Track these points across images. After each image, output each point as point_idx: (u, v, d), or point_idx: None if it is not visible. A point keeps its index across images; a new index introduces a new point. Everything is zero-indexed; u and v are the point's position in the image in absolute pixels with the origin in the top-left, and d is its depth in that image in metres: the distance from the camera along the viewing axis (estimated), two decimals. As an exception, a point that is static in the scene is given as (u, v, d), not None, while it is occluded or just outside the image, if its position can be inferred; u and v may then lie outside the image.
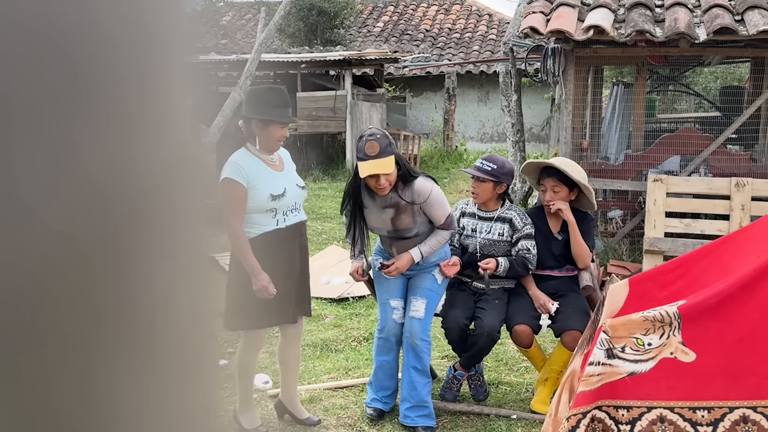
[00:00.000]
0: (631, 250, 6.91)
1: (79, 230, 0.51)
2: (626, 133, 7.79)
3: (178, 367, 0.59)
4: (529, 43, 7.66)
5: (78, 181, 0.51)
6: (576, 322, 3.92)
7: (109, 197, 0.53)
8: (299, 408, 3.91)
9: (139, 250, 0.55)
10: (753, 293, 2.83)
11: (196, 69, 0.61)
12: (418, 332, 3.75)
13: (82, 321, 0.52)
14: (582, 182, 4.09)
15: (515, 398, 4.30)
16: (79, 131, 0.51)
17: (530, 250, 4.03)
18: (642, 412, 2.90)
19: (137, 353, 0.55)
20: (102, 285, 0.52)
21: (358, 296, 6.23)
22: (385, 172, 3.51)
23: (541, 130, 16.49)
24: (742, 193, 6.07)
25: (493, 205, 4.09)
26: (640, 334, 2.94)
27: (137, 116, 0.54)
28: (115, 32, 0.52)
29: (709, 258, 3.47)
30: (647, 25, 6.12)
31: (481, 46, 17.73)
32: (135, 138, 0.54)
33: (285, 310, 3.59)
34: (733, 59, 9.19)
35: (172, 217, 0.58)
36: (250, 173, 3.44)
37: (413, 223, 3.71)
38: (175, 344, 0.59)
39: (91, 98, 0.51)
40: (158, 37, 0.56)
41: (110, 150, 0.52)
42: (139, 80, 0.54)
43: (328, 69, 14.09)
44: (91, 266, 0.52)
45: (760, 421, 2.76)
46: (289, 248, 3.58)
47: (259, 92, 3.57)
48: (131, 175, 0.54)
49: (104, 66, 0.52)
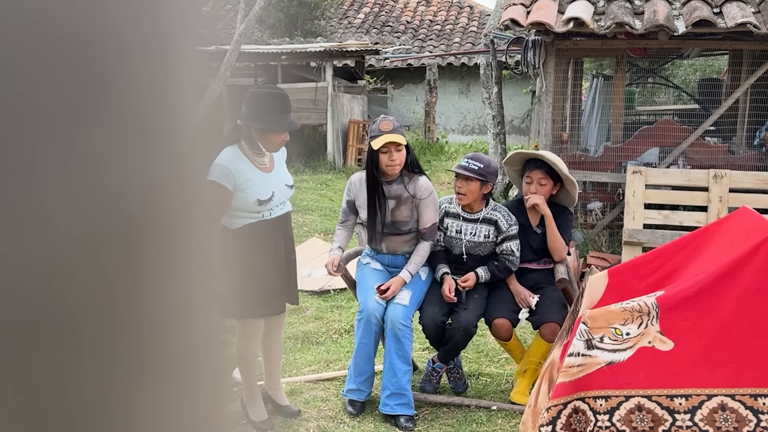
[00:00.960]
0: (610, 242, 6.95)
1: (96, 238, 0.51)
2: (606, 126, 7.83)
3: (191, 377, 0.59)
4: (510, 35, 7.67)
5: (95, 188, 0.51)
6: (554, 315, 3.95)
7: (125, 206, 0.53)
8: (281, 396, 3.92)
9: (153, 258, 0.55)
10: (730, 283, 2.86)
11: (202, 71, 0.62)
12: (400, 317, 3.78)
13: (97, 329, 0.52)
14: (569, 177, 4.10)
15: (495, 389, 4.32)
16: (98, 139, 0.51)
17: (514, 252, 4.03)
18: (620, 401, 2.92)
19: (152, 362, 0.55)
20: (117, 293, 0.53)
21: (340, 289, 6.22)
22: (399, 142, 3.75)
23: (521, 122, 16.56)
24: (720, 185, 6.12)
25: (478, 206, 4.06)
26: (618, 324, 2.96)
27: (152, 123, 0.54)
28: (132, 38, 0.52)
29: (687, 249, 3.49)
30: (627, 17, 6.15)
31: (462, 38, 17.74)
32: (150, 145, 0.54)
33: (273, 300, 3.60)
34: (712, 52, 9.27)
35: (185, 226, 0.58)
36: (238, 177, 3.38)
37: (410, 217, 3.87)
38: (189, 354, 0.59)
39: (108, 105, 0.51)
40: (173, 41, 0.57)
41: (126, 158, 0.52)
42: (153, 86, 0.54)
43: (309, 60, 14.03)
44: (107, 274, 0.52)
45: (738, 409, 2.78)
46: (275, 239, 3.57)
47: (259, 96, 3.47)
48: (146, 184, 0.54)
49: (120, 73, 0.52)
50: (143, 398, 0.55)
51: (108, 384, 0.53)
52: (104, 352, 0.52)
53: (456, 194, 4.04)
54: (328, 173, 12.26)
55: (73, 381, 0.51)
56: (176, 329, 0.58)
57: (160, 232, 0.56)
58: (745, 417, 2.78)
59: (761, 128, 6.98)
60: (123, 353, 0.53)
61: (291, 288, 3.73)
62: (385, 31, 18.55)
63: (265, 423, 3.74)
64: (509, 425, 3.83)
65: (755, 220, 3.21)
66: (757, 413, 2.78)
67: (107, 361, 0.52)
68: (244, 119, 3.45)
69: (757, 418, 2.78)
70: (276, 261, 3.59)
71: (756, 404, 2.79)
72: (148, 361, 0.55)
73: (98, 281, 0.52)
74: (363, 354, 3.88)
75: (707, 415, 2.80)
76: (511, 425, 3.82)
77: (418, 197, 3.84)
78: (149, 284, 0.55)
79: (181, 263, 0.58)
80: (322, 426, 3.76)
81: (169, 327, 0.57)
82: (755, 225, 3.13)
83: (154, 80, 0.54)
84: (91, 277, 0.51)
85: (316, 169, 12.56)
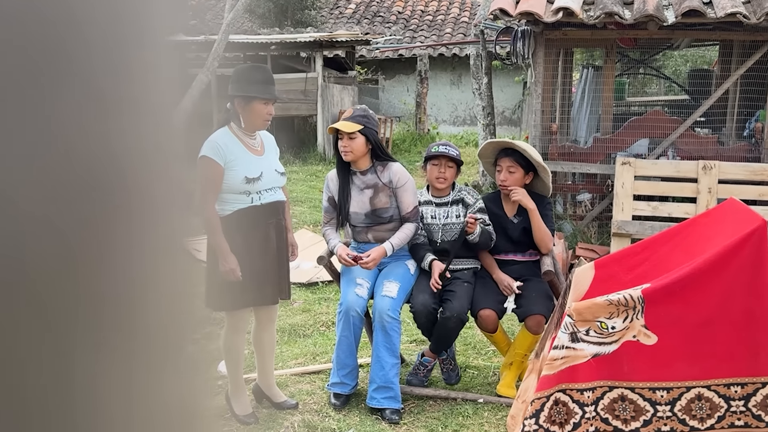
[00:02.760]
0: (599, 233, 6.94)
1: (58, 211, 0.50)
2: (596, 117, 7.80)
3: (159, 355, 0.58)
4: (500, 26, 7.62)
5: (56, 160, 0.49)
6: (539, 307, 3.94)
7: (87, 179, 0.51)
8: (276, 392, 3.90)
9: (119, 233, 0.54)
10: (715, 279, 2.85)
11: (174, 48, 0.59)
12: (388, 309, 3.77)
13: (60, 307, 0.51)
14: (540, 163, 4.09)
15: (482, 382, 4.30)
16: (54, 109, 0.49)
17: (485, 221, 4.08)
18: (604, 391, 2.92)
19: (118, 340, 0.54)
20: (81, 270, 0.51)
21: (327, 281, 6.19)
22: (345, 130, 3.83)
23: (513, 113, 16.53)
24: (710, 176, 6.11)
25: (447, 191, 4.17)
26: (604, 318, 2.94)
27: (111, 94, 0.53)
28: (87, 7, 0.51)
29: (674, 241, 3.48)
30: (616, 7, 6.11)
31: (453, 28, 17.67)
32: (113, 115, 0.53)
33: (262, 290, 3.56)
34: (702, 42, 9.24)
35: (151, 200, 0.57)
36: (228, 154, 3.44)
37: (390, 203, 3.92)
38: (156, 332, 0.58)
39: (67, 75, 0.50)
40: (133, 12, 0.55)
41: (88, 129, 0.51)
42: (113, 54, 0.53)
43: (299, 51, 13.95)
44: (69, 250, 0.51)
45: (712, 398, 2.82)
46: (264, 226, 3.55)
47: (241, 70, 3.58)
48: (110, 155, 0.53)
49: (79, 41, 0.50)
50: (111, 375, 0.53)
51: (72, 361, 0.51)
52: (68, 330, 0.51)
53: (436, 179, 4.10)
54: (318, 164, 12.20)
55: (35, 359, 0.50)
56: (147, 306, 0.56)
57: (128, 205, 0.54)
58: (718, 404, 2.85)
59: (751, 119, 6.96)
60: (88, 331, 0.52)
61: (282, 281, 3.69)
62: (376, 21, 18.46)
63: (249, 417, 3.71)
64: (495, 418, 3.81)
65: (742, 211, 3.19)
66: (729, 400, 2.84)
67: (72, 338, 0.51)
68: (230, 93, 3.54)
69: (728, 404, 2.85)
70: (265, 250, 3.56)
71: (728, 392, 2.85)
72: (114, 338, 0.54)
73: (61, 257, 0.50)
74: (345, 347, 3.86)
75: (685, 405, 2.85)
76: (497, 418, 3.80)
77: (395, 184, 3.92)
78: (115, 261, 0.53)
79: (148, 239, 0.56)
80: (307, 420, 3.73)
81: (138, 304, 0.55)
82: (742, 216, 3.11)
83: (114, 48, 0.53)
84: (54, 253, 0.50)
85: (306, 161, 12.50)
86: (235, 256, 3.41)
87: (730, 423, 2.83)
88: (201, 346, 0.63)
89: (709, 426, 2.83)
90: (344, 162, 3.96)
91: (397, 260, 4.03)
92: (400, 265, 4.01)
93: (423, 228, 4.14)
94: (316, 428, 3.65)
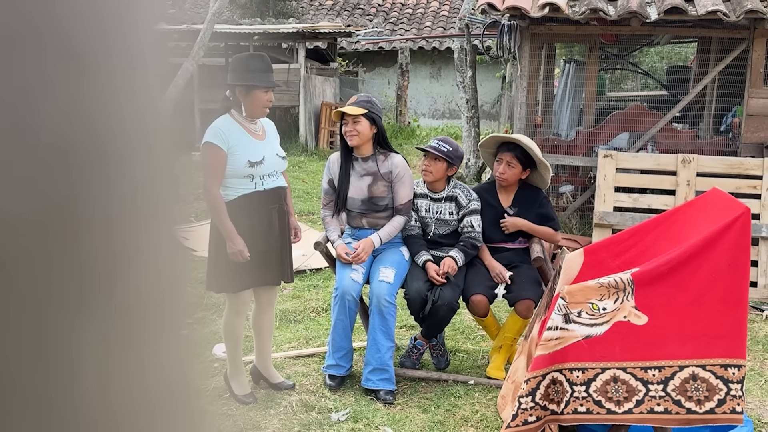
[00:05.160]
0: (581, 224, 7.10)
1: (30, 175, 0.48)
2: (577, 110, 7.96)
3: (141, 329, 0.56)
4: (485, 20, 7.74)
5: (29, 124, 0.47)
6: (529, 292, 4.07)
7: (65, 146, 0.49)
8: (274, 373, 3.99)
9: (99, 204, 0.52)
10: (702, 260, 2.97)
11: (161, 14, 0.58)
12: (385, 294, 3.88)
13: (33, 278, 0.49)
14: (543, 161, 4.22)
15: (472, 365, 4.43)
16: (31, 73, 0.47)
17: (474, 226, 4.18)
18: (596, 373, 3.02)
19: (97, 313, 0.52)
20: (56, 241, 0.50)
21: (316, 269, 6.29)
22: (350, 113, 3.92)
23: (491, 107, 16.68)
24: (688, 169, 6.29)
25: (441, 186, 4.25)
26: (595, 300, 3.06)
27: (90, 55, 0.50)
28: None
29: (660, 228, 3.61)
30: (601, 3, 6.26)
31: (433, 22, 17.78)
32: (89, 80, 0.51)
33: (264, 272, 3.66)
34: (682, 39, 9.45)
35: (133, 166, 0.55)
36: (231, 138, 3.52)
37: (386, 193, 4.01)
38: (140, 306, 0.56)
39: (42, 38, 0.47)
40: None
41: (63, 92, 0.49)
42: (89, 16, 0.51)
43: (281, 42, 13.96)
44: (44, 219, 0.49)
45: (709, 379, 2.91)
46: (267, 211, 3.65)
47: (240, 59, 3.64)
48: (86, 119, 0.50)
49: (53, 3, 0.48)
50: (87, 346, 0.52)
51: (46, 331, 0.50)
52: (41, 301, 0.49)
53: (422, 171, 4.19)
54: (301, 155, 12.25)
55: (3, 328, 0.49)
56: (126, 280, 0.54)
57: (105, 171, 0.52)
58: (716, 386, 2.90)
59: (728, 114, 7.16)
60: (64, 303, 0.50)
61: (284, 265, 3.79)
62: (356, 13, 18.50)
63: (248, 396, 3.80)
64: (486, 398, 3.93)
65: (725, 200, 3.33)
66: (728, 382, 2.90)
67: (45, 309, 0.49)
68: (229, 82, 3.61)
69: (727, 387, 2.90)
70: (268, 233, 3.65)
71: (726, 374, 2.91)
72: (94, 312, 0.52)
73: (35, 226, 0.48)
74: (340, 330, 3.96)
75: (679, 385, 2.92)
76: (487, 398, 3.93)
77: (394, 174, 4.01)
78: (95, 232, 0.52)
79: (131, 212, 0.55)
80: (304, 399, 3.83)
81: (120, 269, 0.54)
82: (725, 204, 3.25)
83: (91, 9, 0.51)
84: (27, 223, 0.48)
85: (288, 151, 12.49)
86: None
87: (732, 408, 2.85)
88: (195, 330, 0.62)
89: (708, 409, 2.86)
90: (347, 147, 4.05)
91: (392, 247, 4.14)
92: (395, 251, 4.12)
93: (417, 219, 4.24)
94: (313, 408, 3.75)
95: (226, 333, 3.74)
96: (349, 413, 3.69)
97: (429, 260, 4.10)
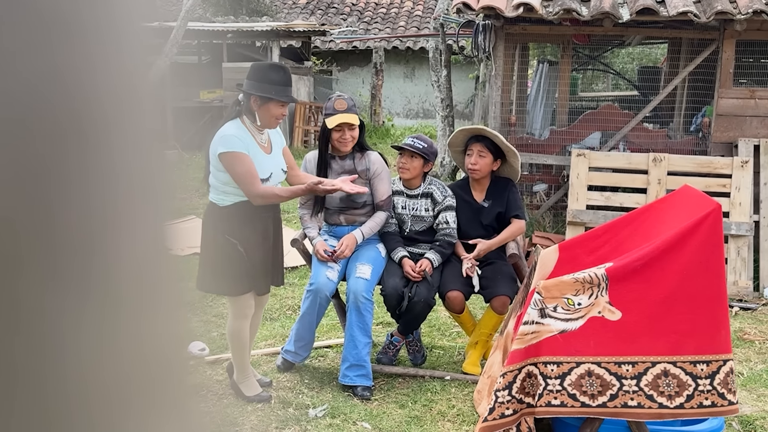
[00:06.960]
0: (554, 222, 7.17)
1: (6, 143, 0.47)
2: (550, 110, 8.04)
3: (119, 302, 0.55)
4: (459, 19, 7.79)
5: (5, 89, 0.47)
6: (504, 288, 4.11)
7: (41, 110, 0.48)
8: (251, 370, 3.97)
9: (75, 169, 0.51)
10: (674, 258, 3.03)
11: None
12: (363, 290, 3.90)
13: (1, 247, 0.48)
14: (511, 148, 4.27)
15: (448, 361, 4.46)
16: (9, 36, 0.46)
17: (449, 222, 4.22)
18: (571, 367, 3.07)
19: (71, 282, 0.52)
20: (33, 205, 0.49)
21: (291, 267, 6.28)
22: (352, 122, 3.93)
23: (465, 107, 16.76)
24: (659, 168, 6.39)
25: (417, 183, 4.29)
26: (570, 295, 3.11)
27: (72, 20, 0.49)
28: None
29: (633, 225, 3.67)
30: (574, 4, 6.33)
31: (407, 21, 17.82)
32: (67, 46, 0.49)
33: (257, 279, 3.65)
34: (653, 40, 9.58)
35: (114, 137, 0.54)
36: (248, 144, 3.49)
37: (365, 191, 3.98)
38: (118, 279, 0.55)
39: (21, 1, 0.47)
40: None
41: (42, 58, 0.48)
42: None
43: (255, 40, 13.91)
44: (13, 189, 0.48)
45: (679, 375, 2.97)
46: (263, 219, 3.65)
47: (261, 68, 3.57)
48: (63, 85, 0.49)
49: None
50: (62, 315, 0.51)
51: (15, 299, 0.49)
52: (11, 268, 0.49)
53: (399, 169, 4.22)
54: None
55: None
56: (102, 250, 0.53)
57: (83, 141, 0.51)
58: (685, 382, 2.97)
59: (698, 114, 7.28)
60: (36, 271, 0.50)
61: (276, 271, 3.81)
62: (330, 12, 18.48)
63: (262, 395, 3.78)
64: (462, 393, 3.97)
65: (697, 197, 3.39)
66: (696, 378, 2.97)
67: (15, 276, 0.49)
68: (245, 90, 3.54)
69: (695, 383, 2.97)
70: (264, 241, 3.65)
71: (695, 370, 2.98)
72: (68, 280, 0.51)
73: (9, 190, 0.48)
74: (306, 323, 4.01)
75: (651, 381, 2.98)
76: (464, 393, 3.97)
77: (371, 172, 4.03)
78: (71, 200, 0.51)
79: (110, 179, 0.53)
80: (282, 396, 3.83)
81: (97, 241, 0.53)
82: (697, 201, 3.31)
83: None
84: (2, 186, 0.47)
85: (262, 150, 12.49)
86: (237, 243, 3.50)
87: (699, 403, 2.94)
88: (166, 281, 0.61)
89: (678, 404, 2.94)
90: (325, 145, 4.05)
91: (368, 243, 4.15)
92: (371, 248, 4.14)
93: (394, 216, 4.27)
94: (290, 404, 3.76)
95: (232, 337, 3.70)
96: (327, 409, 3.70)
97: (405, 257, 4.12)
